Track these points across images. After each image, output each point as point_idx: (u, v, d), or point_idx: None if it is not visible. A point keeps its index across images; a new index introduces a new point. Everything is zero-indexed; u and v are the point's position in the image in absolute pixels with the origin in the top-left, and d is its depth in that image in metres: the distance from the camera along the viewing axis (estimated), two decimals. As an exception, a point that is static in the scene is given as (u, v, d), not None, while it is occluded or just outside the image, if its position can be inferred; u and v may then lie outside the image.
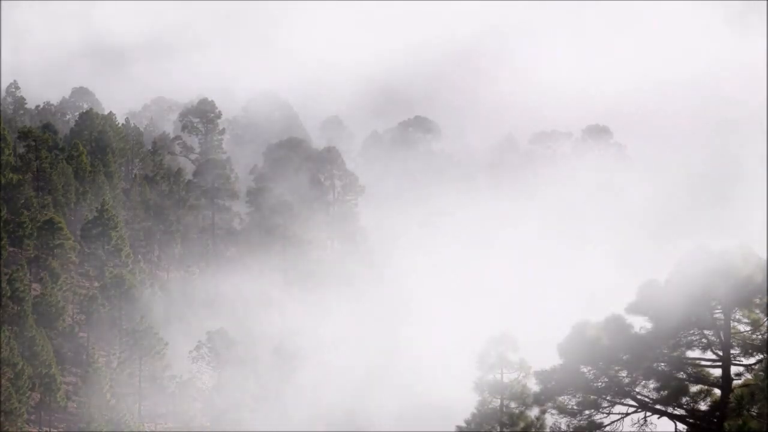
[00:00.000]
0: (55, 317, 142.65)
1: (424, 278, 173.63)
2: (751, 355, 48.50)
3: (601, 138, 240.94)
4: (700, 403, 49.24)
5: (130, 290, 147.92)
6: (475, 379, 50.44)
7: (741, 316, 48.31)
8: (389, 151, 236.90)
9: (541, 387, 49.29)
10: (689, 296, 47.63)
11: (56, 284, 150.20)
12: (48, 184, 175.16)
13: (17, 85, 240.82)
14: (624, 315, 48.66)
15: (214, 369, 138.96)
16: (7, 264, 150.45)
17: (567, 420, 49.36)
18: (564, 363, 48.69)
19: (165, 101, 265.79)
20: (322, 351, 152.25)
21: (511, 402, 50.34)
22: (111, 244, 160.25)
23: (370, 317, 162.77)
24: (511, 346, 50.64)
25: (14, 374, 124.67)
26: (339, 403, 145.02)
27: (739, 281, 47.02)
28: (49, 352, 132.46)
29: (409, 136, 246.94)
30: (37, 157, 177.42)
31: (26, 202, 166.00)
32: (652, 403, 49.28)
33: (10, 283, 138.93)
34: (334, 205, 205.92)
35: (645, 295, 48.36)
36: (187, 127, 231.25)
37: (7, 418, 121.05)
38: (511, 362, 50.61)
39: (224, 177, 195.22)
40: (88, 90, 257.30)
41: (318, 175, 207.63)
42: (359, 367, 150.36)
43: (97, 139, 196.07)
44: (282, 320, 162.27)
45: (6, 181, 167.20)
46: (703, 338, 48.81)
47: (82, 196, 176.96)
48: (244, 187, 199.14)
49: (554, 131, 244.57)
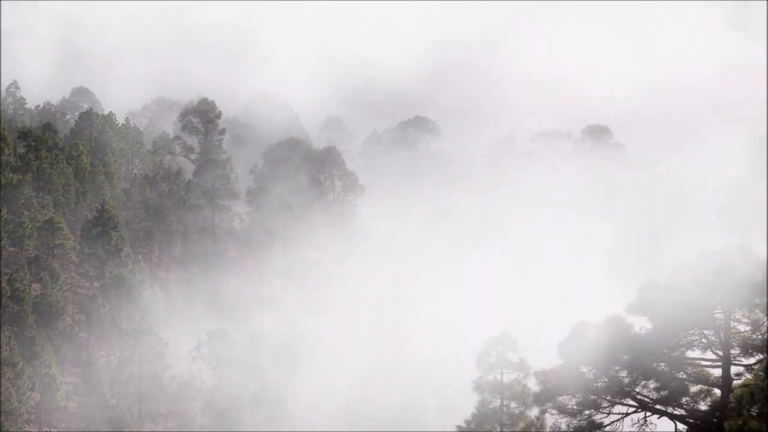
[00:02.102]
0: (55, 317, 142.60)
1: (424, 278, 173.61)
2: (751, 355, 48.52)
3: (601, 138, 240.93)
4: (700, 403, 49.26)
5: (130, 290, 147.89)
6: (475, 379, 50.46)
7: (741, 316, 48.34)
8: (389, 151, 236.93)
9: (541, 387, 49.33)
10: (689, 296, 47.65)
11: (56, 284, 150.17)
12: (48, 184, 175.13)
13: (17, 85, 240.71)
14: (624, 315, 48.70)
15: (214, 369, 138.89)
16: (7, 264, 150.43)
17: (567, 420, 49.39)
18: (564, 363, 48.73)
19: (165, 101, 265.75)
20: (322, 351, 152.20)
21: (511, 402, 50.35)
22: (111, 244, 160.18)
23: (370, 317, 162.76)
24: (511, 346, 50.66)
25: (14, 374, 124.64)
26: (339, 403, 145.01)
27: (739, 281, 47.03)
28: (49, 352, 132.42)
29: (409, 136, 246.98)
30: (37, 157, 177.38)
31: (26, 202, 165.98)
32: (652, 403, 49.29)
33: (10, 283, 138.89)
34: (334, 205, 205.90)
35: (645, 295, 48.39)
36: (187, 127, 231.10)
37: (7, 418, 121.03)
38: (511, 362, 50.63)
39: (224, 177, 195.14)
40: (88, 90, 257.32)
41: (318, 175, 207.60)
42: (359, 366, 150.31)
43: (97, 139, 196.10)
44: (282, 320, 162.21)
45: (6, 181, 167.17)
46: (703, 338, 48.82)
47: (82, 196, 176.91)
48: (244, 187, 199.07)
49: (554, 131, 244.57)
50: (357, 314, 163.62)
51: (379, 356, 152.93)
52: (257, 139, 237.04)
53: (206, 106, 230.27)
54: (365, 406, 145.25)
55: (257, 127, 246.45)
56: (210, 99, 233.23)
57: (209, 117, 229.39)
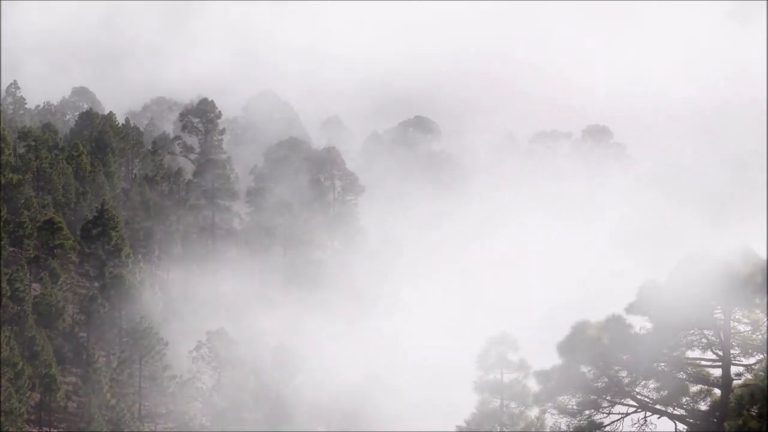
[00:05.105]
0: (55, 317, 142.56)
1: (424, 278, 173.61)
2: (751, 355, 48.52)
3: (601, 138, 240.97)
4: (700, 403, 49.25)
5: (130, 290, 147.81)
6: (475, 379, 50.44)
7: (741, 316, 48.33)
8: (389, 151, 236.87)
9: (541, 387, 49.31)
10: (689, 296, 47.63)
11: (56, 284, 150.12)
12: (48, 184, 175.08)
13: (17, 85, 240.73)
14: (624, 315, 48.69)
15: (214, 369, 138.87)
16: (7, 264, 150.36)
17: (567, 420, 49.38)
18: (564, 363, 48.70)
19: (165, 101, 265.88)
20: (322, 351, 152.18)
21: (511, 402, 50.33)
22: (111, 244, 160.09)
23: (370, 317, 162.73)
24: (511, 346, 50.65)
25: (14, 374, 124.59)
26: (339, 403, 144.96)
27: (739, 281, 47.02)
28: (49, 352, 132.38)
29: (409, 136, 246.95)
30: (37, 157, 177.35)
31: (26, 202, 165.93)
32: (652, 403, 49.29)
33: (10, 283, 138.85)
34: (334, 205, 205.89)
35: (645, 295, 48.39)
36: (187, 127, 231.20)
37: (7, 418, 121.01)
38: (511, 362, 50.62)
39: (224, 177, 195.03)
40: (88, 90, 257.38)
41: (318, 175, 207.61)
42: (359, 367, 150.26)
43: (97, 139, 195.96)
44: (282, 320, 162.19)
45: (6, 181, 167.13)
46: (703, 338, 48.82)
47: (82, 196, 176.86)
48: (244, 187, 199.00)
49: (554, 131, 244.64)
50: (357, 314, 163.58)
51: (379, 356, 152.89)
52: (257, 139, 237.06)
53: (206, 106, 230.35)
54: (365, 406, 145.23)
55: (257, 127, 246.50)
56: (210, 99, 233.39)
57: (209, 117, 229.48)
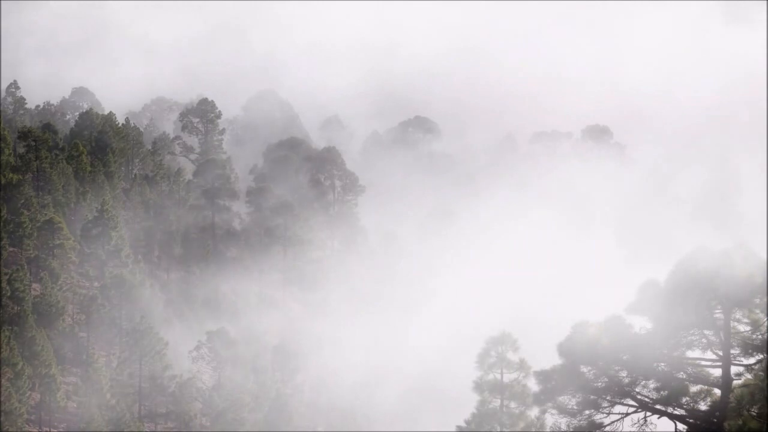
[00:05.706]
0: (55, 317, 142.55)
1: (424, 278, 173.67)
2: (751, 355, 48.48)
3: (601, 138, 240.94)
4: (700, 403, 49.22)
5: (130, 290, 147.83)
6: (475, 379, 50.41)
7: (741, 316, 48.30)
8: (389, 151, 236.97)
9: (541, 387, 49.29)
10: (689, 296, 47.60)
11: (56, 284, 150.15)
12: (48, 184, 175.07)
13: (17, 85, 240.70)
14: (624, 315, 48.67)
15: (214, 369, 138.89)
16: (7, 264, 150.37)
17: (567, 420, 49.36)
18: (564, 363, 48.69)
19: (165, 101, 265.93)
20: (322, 351, 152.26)
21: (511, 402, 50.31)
22: (111, 244, 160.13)
23: (370, 317, 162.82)
24: (511, 346, 50.60)
25: (14, 374, 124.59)
26: (339, 403, 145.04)
27: (739, 281, 47.01)
28: (49, 352, 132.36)
29: (409, 136, 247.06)
30: (37, 157, 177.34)
31: (26, 202, 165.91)
32: (652, 403, 49.27)
33: (10, 283, 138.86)
34: (334, 205, 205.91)
35: (645, 295, 48.35)
36: (187, 127, 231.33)
37: (7, 418, 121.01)
38: (511, 362, 50.56)
39: (224, 177, 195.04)
40: (88, 90, 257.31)
41: (318, 175, 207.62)
42: (359, 367, 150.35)
43: (97, 139, 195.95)
44: (282, 320, 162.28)
45: (6, 181, 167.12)
46: (703, 338, 48.79)
47: (82, 196, 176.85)
48: (244, 187, 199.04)
49: (554, 131, 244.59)
50: (357, 314, 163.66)
51: (379, 356, 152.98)
52: (257, 139, 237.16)
53: (206, 106, 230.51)
54: (365, 406, 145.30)
55: (257, 127, 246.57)
56: (210, 99, 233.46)
57: (209, 117, 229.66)
